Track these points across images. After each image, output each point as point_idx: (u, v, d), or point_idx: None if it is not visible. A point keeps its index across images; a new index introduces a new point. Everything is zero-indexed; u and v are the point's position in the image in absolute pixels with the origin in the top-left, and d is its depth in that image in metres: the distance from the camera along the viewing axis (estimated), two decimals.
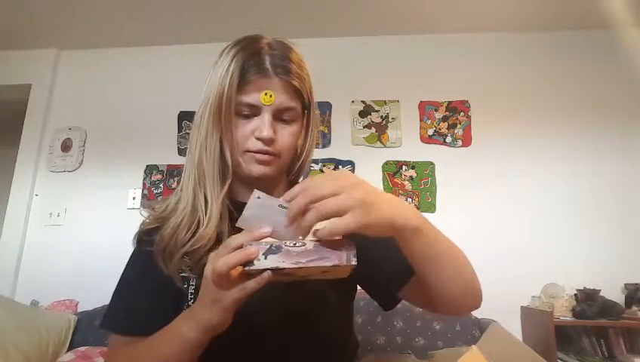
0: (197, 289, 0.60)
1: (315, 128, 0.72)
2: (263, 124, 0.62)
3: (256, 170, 0.64)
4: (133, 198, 2.29)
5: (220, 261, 0.45)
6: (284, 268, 0.45)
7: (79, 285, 2.13)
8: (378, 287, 0.71)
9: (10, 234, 2.28)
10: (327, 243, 0.46)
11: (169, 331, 0.56)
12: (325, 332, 0.67)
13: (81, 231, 2.27)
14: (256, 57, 0.63)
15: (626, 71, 2.20)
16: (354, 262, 0.46)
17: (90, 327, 1.83)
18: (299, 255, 0.45)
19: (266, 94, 0.61)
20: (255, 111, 0.63)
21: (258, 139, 0.62)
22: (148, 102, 2.44)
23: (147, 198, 2.27)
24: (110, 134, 2.42)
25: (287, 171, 0.74)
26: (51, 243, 2.26)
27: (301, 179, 0.79)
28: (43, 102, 2.45)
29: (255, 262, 0.45)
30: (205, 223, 0.61)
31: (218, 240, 0.60)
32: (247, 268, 0.45)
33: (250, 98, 0.62)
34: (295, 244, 0.46)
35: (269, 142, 0.62)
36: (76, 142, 2.40)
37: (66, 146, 2.40)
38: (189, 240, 0.61)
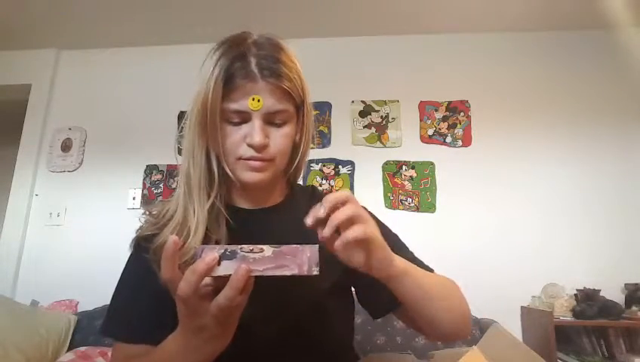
0: None
1: (310, 127, 0.69)
2: (253, 130, 0.59)
3: (250, 177, 0.62)
4: (133, 198, 2.29)
5: (181, 285, 0.42)
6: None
7: (79, 285, 2.13)
8: (373, 300, 0.72)
9: (10, 234, 2.27)
10: (287, 249, 0.43)
11: None
12: (326, 342, 0.66)
13: (81, 231, 2.27)
14: (241, 60, 0.59)
15: (627, 70, 2.20)
16: (315, 272, 0.43)
17: (90, 327, 1.83)
18: (255, 262, 0.43)
19: (253, 99, 0.58)
20: (244, 117, 0.60)
21: (250, 145, 0.60)
22: (148, 102, 2.44)
23: (147, 198, 2.27)
24: (110, 134, 2.42)
25: (285, 172, 0.71)
26: (51, 243, 2.26)
27: (300, 181, 0.78)
28: (43, 102, 2.45)
29: None
30: (192, 235, 0.59)
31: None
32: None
33: (238, 105, 0.59)
34: (252, 250, 0.43)
35: (260, 148, 0.60)
36: (76, 142, 2.40)
37: (66, 146, 2.40)
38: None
